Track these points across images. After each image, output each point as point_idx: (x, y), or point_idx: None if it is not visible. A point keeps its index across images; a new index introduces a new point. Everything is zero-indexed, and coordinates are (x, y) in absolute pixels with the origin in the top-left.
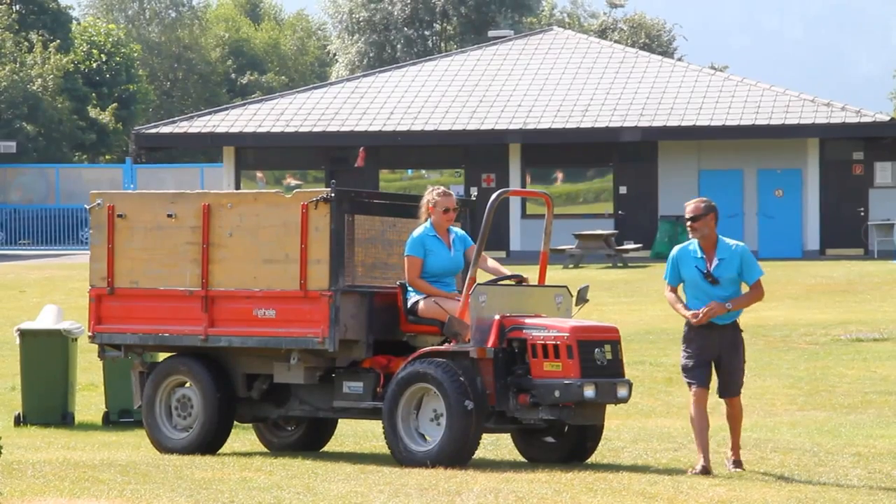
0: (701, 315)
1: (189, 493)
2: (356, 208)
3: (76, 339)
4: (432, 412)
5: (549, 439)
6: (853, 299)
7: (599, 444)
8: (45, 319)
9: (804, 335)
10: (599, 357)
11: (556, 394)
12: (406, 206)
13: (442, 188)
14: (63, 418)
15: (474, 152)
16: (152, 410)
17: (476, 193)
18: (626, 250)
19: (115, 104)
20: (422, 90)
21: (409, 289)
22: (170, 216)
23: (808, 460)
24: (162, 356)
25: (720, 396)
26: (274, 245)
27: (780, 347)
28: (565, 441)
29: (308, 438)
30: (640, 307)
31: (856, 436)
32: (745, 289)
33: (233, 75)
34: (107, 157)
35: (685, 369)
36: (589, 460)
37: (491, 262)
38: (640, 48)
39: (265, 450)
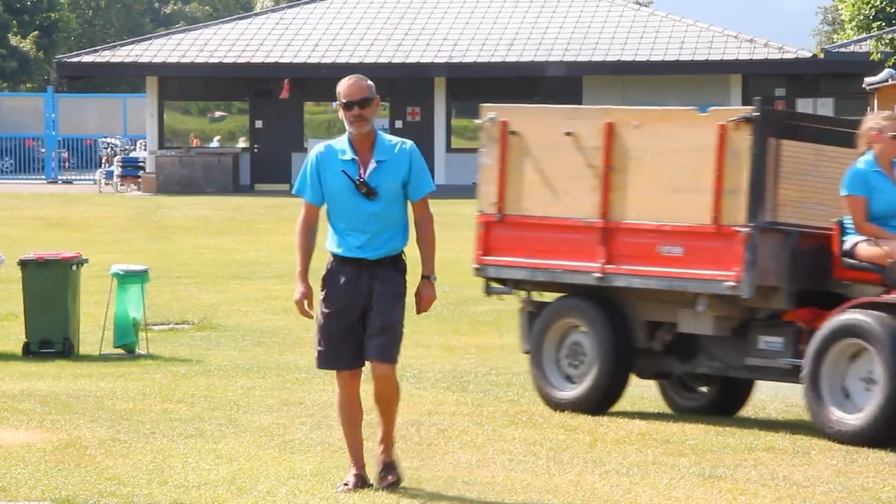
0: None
1: (110, 424)
2: (784, 132)
3: None
4: (866, 372)
5: None
6: None
7: (518, 382)
8: None
9: None
10: None
11: None
12: (847, 135)
13: (891, 112)
14: None
15: (399, 85)
16: (540, 358)
17: None
18: None
19: (36, 32)
20: (347, 22)
21: (849, 229)
22: (568, 135)
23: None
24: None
25: (366, 358)
26: (683, 171)
27: None
28: None
29: (720, 401)
30: None
31: None
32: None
33: (156, 4)
34: (28, 85)
35: (320, 329)
36: (511, 396)
37: None
38: None
39: (188, 381)
